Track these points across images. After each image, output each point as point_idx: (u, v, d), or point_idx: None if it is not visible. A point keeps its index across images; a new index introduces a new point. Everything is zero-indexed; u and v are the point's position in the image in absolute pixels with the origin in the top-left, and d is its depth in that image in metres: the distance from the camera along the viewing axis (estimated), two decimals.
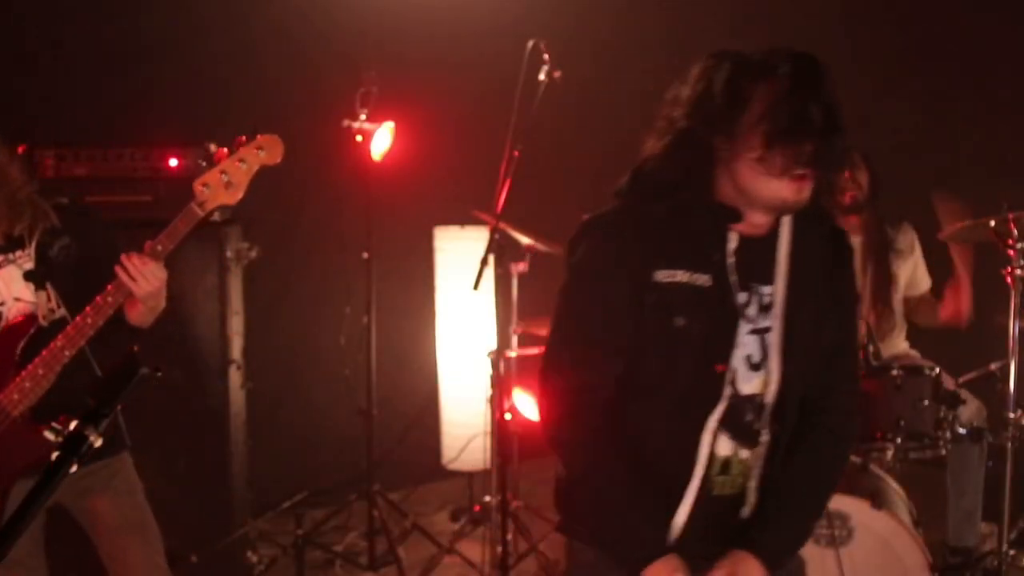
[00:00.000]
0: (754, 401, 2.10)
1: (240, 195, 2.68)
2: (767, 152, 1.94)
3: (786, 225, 2.10)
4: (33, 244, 2.80)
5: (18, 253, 2.81)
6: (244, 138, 2.71)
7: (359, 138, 4.33)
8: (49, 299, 2.79)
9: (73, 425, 1.63)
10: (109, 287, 2.67)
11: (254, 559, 4.27)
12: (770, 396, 2.10)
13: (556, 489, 2.26)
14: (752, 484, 2.15)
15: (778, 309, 2.08)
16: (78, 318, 2.69)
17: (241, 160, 2.66)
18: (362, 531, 4.58)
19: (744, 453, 2.12)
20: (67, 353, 2.68)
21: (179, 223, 2.66)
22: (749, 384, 2.09)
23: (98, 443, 1.64)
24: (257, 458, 4.36)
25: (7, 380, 2.70)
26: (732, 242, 2.06)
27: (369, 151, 4.36)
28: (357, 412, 4.58)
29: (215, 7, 4.63)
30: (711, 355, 2.06)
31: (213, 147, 3.71)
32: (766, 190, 1.99)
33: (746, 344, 2.08)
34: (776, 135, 1.92)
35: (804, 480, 2.17)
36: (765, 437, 2.13)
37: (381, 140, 4.36)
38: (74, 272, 2.80)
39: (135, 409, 3.53)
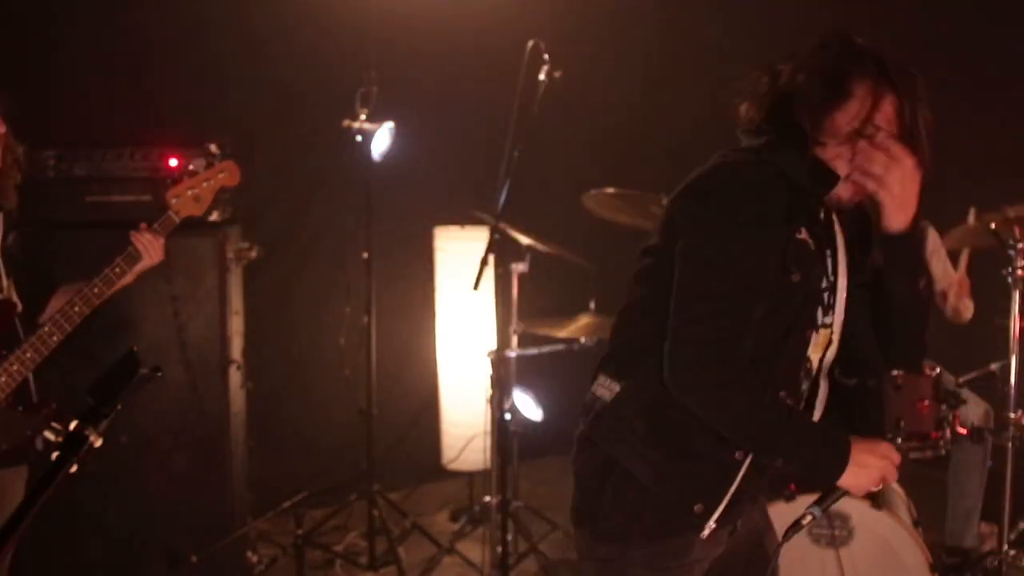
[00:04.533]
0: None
1: (206, 208, 3.09)
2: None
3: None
4: None
5: None
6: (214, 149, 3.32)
7: (359, 138, 4.33)
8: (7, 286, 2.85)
9: (73, 425, 1.63)
10: (117, 259, 2.85)
11: (254, 559, 4.27)
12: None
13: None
14: None
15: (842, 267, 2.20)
16: (85, 290, 2.79)
17: (206, 181, 3.08)
18: (362, 531, 4.58)
19: None
20: (56, 339, 2.75)
21: (158, 227, 2.96)
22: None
23: (98, 443, 1.64)
24: (257, 458, 4.37)
25: None
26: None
27: (369, 151, 4.36)
28: (357, 412, 4.58)
29: (215, 7, 4.63)
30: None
31: (214, 147, 3.72)
32: None
33: None
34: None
35: None
36: None
37: (381, 140, 4.36)
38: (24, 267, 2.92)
39: (136, 409, 3.58)
